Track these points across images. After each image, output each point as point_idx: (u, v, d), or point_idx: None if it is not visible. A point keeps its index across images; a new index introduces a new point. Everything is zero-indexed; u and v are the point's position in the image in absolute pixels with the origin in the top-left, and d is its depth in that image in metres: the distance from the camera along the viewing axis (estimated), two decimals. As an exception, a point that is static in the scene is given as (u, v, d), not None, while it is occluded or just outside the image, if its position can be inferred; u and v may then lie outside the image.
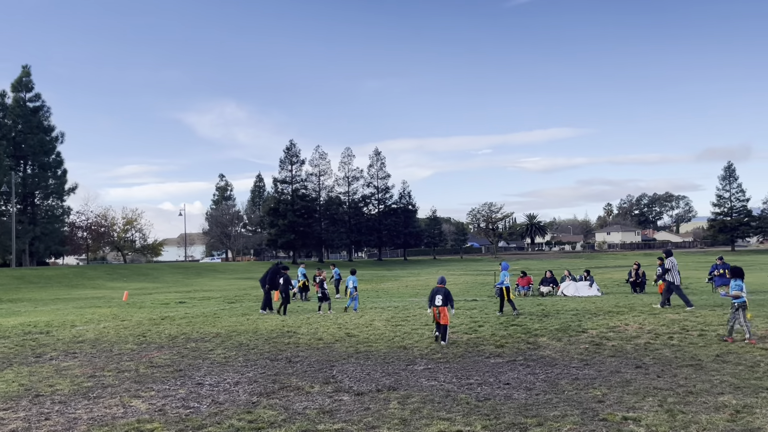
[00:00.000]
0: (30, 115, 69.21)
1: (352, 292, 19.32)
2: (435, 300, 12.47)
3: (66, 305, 26.97)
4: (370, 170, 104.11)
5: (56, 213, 73.28)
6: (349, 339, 13.25)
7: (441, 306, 12.37)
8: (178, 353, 12.20)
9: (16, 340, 14.98)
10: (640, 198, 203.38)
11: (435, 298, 12.51)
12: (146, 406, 7.96)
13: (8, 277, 45.73)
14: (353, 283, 19.27)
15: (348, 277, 19.58)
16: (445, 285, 13.02)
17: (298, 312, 19.73)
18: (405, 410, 7.27)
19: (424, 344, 12.17)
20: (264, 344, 12.95)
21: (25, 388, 9.34)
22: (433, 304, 12.53)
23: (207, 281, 51.85)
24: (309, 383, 8.98)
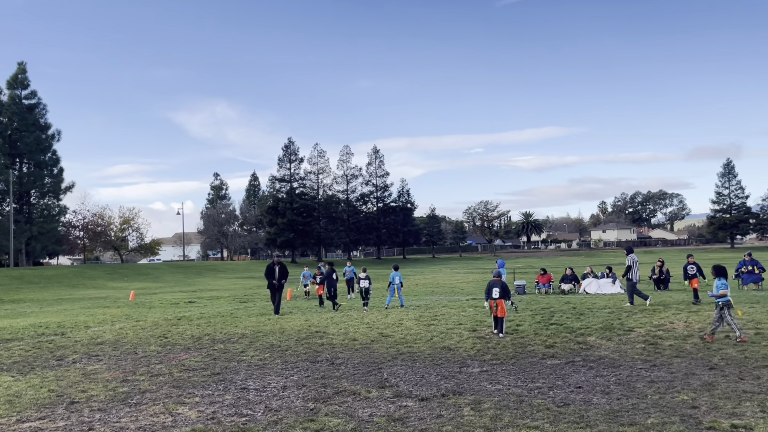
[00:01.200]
0: (26, 113, 68.13)
1: (398, 289, 19.12)
2: (492, 293, 12.65)
3: (72, 306, 26.27)
4: (369, 168, 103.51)
5: (52, 212, 72.23)
6: (384, 339, 12.68)
7: (498, 298, 12.51)
8: (208, 355, 11.61)
9: (31, 342, 14.34)
10: (634, 196, 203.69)
11: (492, 290, 12.63)
12: (195, 414, 7.37)
13: (7, 277, 44.87)
14: (399, 279, 19.20)
15: (392, 274, 19.33)
16: (502, 278, 12.96)
17: (312, 311, 19.16)
18: (482, 417, 6.71)
19: (467, 345, 11.62)
20: (296, 345, 12.37)
21: (56, 394, 8.73)
22: (490, 296, 12.68)
23: (209, 281, 51.16)
24: (363, 387, 8.41)
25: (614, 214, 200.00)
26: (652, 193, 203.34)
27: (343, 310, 18.86)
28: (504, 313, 12.51)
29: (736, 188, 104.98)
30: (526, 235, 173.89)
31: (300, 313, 18.72)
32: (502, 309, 12.48)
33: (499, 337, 12.25)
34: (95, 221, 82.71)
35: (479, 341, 11.94)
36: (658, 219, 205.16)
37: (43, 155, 69.97)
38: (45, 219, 70.23)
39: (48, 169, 70.75)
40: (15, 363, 11.49)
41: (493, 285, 12.80)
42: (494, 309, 12.58)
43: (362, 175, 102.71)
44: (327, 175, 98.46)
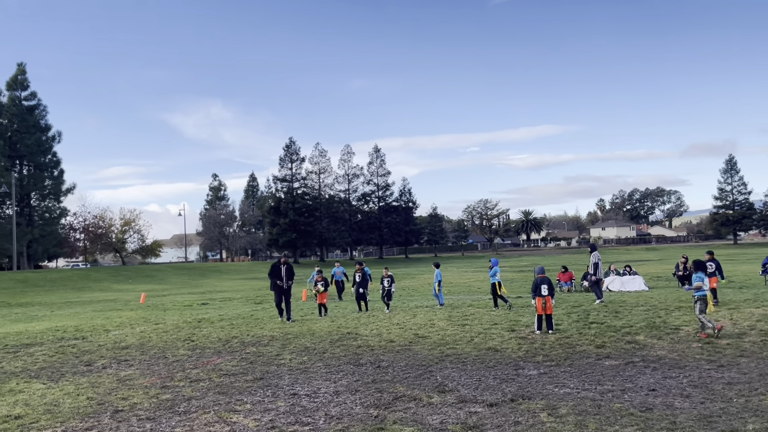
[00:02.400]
0: (26, 114, 67.54)
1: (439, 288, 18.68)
2: (541, 290, 12.29)
3: (83, 309, 25.80)
4: (370, 167, 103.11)
5: (53, 214, 71.65)
6: (422, 341, 12.27)
7: (547, 295, 12.30)
8: (243, 359, 11.19)
9: (52, 347, 13.89)
10: (632, 193, 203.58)
11: (541, 288, 12.35)
12: (252, 423, 6.95)
13: (12, 280, 44.32)
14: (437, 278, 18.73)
15: (436, 272, 18.93)
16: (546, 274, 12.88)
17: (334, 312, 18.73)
18: (565, 424, 6.30)
19: (512, 346, 11.22)
20: (332, 348, 11.95)
21: (96, 402, 8.29)
22: (539, 294, 12.30)
23: (214, 282, 50.68)
24: (422, 392, 7.99)
25: (612, 212, 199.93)
26: (650, 190, 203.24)
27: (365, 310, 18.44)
28: (552, 310, 12.33)
29: (739, 184, 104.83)
30: (525, 233, 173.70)
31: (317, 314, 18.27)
32: (550, 306, 12.28)
33: (549, 333, 12.06)
34: (96, 223, 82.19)
35: (523, 342, 11.54)
36: (656, 216, 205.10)
37: (44, 157, 69.41)
38: (46, 221, 69.67)
39: (48, 171, 70.16)
40: (42, 369, 11.05)
41: (541, 282, 12.52)
42: (542, 306, 12.31)
43: (363, 175, 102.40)
44: (328, 174, 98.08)
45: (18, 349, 13.72)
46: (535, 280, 12.80)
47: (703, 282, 11.32)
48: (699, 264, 11.83)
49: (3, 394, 9.02)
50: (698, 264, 11.84)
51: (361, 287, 18.79)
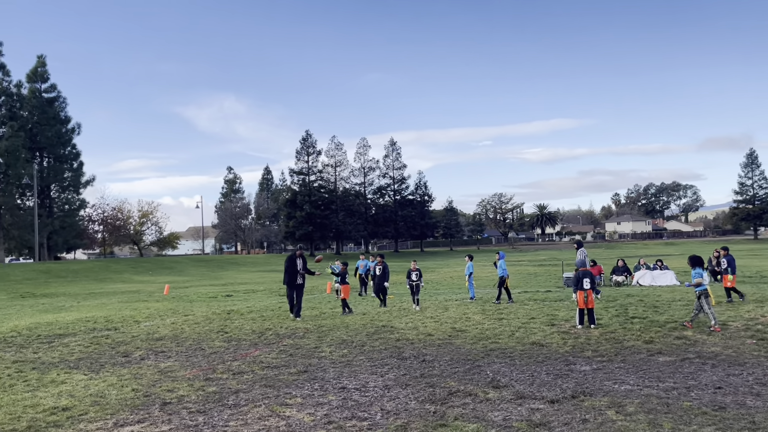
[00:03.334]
0: (46, 106, 67.93)
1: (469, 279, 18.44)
2: (583, 283, 11.93)
3: (109, 300, 25.84)
4: (386, 161, 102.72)
5: (73, 206, 72.12)
6: (462, 335, 12.05)
7: (589, 289, 12.06)
8: (281, 351, 11.03)
9: (86, 337, 13.83)
10: (647, 187, 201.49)
11: (583, 281, 11.98)
12: (308, 418, 6.77)
13: (35, 271, 44.66)
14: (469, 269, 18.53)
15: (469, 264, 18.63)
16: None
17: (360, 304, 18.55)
18: (637, 423, 6.06)
19: (556, 340, 10.97)
20: (370, 341, 11.76)
21: (142, 393, 8.16)
22: (580, 288, 11.95)
23: (234, 274, 50.75)
24: (476, 387, 7.77)
25: (627, 206, 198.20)
26: (665, 184, 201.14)
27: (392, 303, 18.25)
28: (593, 304, 12.09)
29: (760, 178, 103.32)
30: (540, 227, 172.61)
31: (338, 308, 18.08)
32: (592, 300, 12.03)
33: (591, 328, 11.82)
34: (114, 215, 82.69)
35: (567, 336, 11.29)
36: (671, 211, 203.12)
37: (63, 149, 69.86)
38: (65, 213, 70.16)
39: (68, 163, 70.61)
40: (80, 360, 10.97)
41: (583, 275, 12.21)
42: (584, 300, 12.06)
43: (379, 168, 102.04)
44: (344, 167, 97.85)
45: (52, 339, 13.67)
46: (577, 273, 12.52)
47: (702, 277, 11.35)
48: (696, 260, 11.82)
49: (45, 385, 8.92)
50: (695, 260, 11.83)
51: (383, 280, 18.16)
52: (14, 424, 6.89)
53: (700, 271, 11.50)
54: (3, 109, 62.83)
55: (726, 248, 16.82)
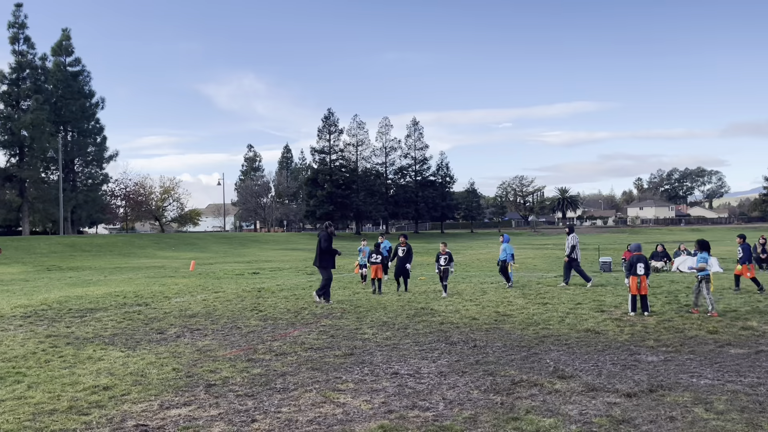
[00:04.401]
0: (70, 80, 67.96)
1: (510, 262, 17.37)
2: (637, 269, 11.29)
3: (135, 275, 25.70)
4: (408, 140, 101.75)
5: (96, 181, 72.41)
6: (508, 319, 11.54)
7: (643, 275, 11.43)
8: (322, 332, 10.61)
9: (117, 312, 13.55)
10: (671, 173, 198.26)
11: (637, 266, 11.34)
12: (365, 405, 6.31)
13: (60, 245, 44.87)
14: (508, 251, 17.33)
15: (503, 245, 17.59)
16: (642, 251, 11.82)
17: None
18: (733, 423, 5.50)
19: (610, 328, 10.41)
20: (413, 323, 11.30)
21: (184, 374, 7.77)
22: (633, 273, 11.33)
23: (256, 251, 50.64)
24: (540, 377, 7.26)
25: (650, 191, 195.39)
26: (690, 170, 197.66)
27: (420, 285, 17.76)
28: (647, 291, 11.53)
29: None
30: (561, 211, 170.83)
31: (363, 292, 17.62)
32: (645, 286, 11.44)
33: (645, 315, 11.28)
34: (136, 191, 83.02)
35: (621, 324, 10.72)
36: (694, 197, 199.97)
37: (87, 123, 69.97)
38: (89, 188, 70.47)
39: (92, 137, 70.76)
40: (115, 336, 10.64)
41: (637, 260, 11.58)
42: (637, 286, 11.46)
43: (401, 148, 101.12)
44: (366, 147, 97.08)
45: (84, 314, 13.41)
46: (631, 258, 11.89)
47: (707, 262, 11.49)
48: (703, 244, 11.91)
49: (82, 362, 8.58)
50: (703, 244, 11.92)
51: (405, 262, 16.71)
52: (54, 403, 6.52)
53: (706, 256, 11.59)
54: (28, 82, 62.94)
55: (743, 236, 16.07)
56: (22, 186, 62.20)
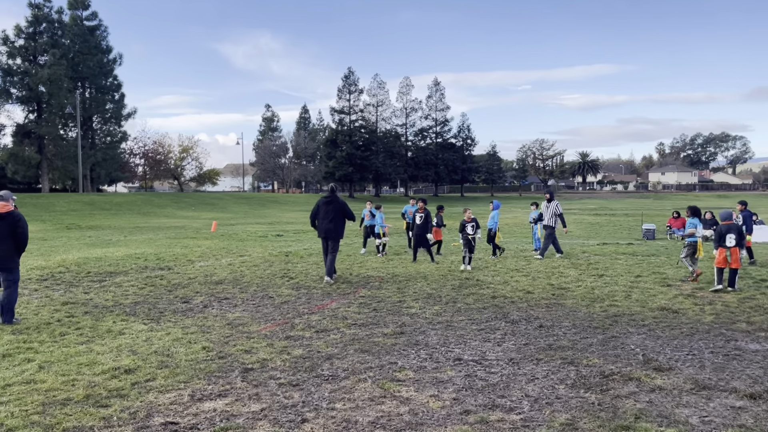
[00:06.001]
0: (87, 35, 66.61)
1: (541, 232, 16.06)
2: (726, 240, 10.00)
3: (156, 235, 24.90)
4: (429, 101, 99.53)
5: (115, 138, 71.64)
6: (566, 293, 10.44)
7: (734, 246, 10.16)
8: (362, 305, 9.60)
9: (138, 277, 12.66)
10: (694, 137, 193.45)
11: (726, 237, 10.03)
12: (435, 403, 5.28)
13: (79, 202, 44.34)
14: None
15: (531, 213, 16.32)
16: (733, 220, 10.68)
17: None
18: None
19: (688, 306, 9.28)
20: (461, 296, 10.25)
21: (216, 354, 6.80)
22: (722, 244, 10.04)
23: (276, 212, 49.87)
24: (632, 368, 6.17)
25: (671, 156, 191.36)
26: (714, 135, 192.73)
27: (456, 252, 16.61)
28: (738, 264, 10.24)
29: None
30: (581, 175, 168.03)
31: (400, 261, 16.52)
32: (736, 259, 10.16)
33: (729, 291, 10.15)
34: (155, 149, 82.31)
35: (697, 301, 9.60)
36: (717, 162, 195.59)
37: (105, 80, 68.86)
38: (108, 145, 69.79)
39: (110, 94, 69.72)
40: (136, 304, 9.73)
41: (726, 230, 10.30)
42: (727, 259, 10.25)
43: (422, 109, 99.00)
44: (386, 107, 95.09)
45: (103, 278, 12.54)
46: (720, 227, 10.59)
47: (696, 229, 11.56)
48: (695, 210, 11.97)
49: (101, 335, 7.65)
50: (694, 210, 11.96)
51: (424, 231, 14.78)
52: (69, 390, 5.58)
53: (696, 222, 11.67)
54: (45, 36, 61.78)
55: (744, 203, 14.80)
56: (40, 142, 61.64)
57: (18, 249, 8.31)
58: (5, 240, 8.14)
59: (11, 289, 8.28)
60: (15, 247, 8.26)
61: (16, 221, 8.18)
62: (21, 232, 8.23)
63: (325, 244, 12.07)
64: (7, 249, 8.17)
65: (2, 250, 8.13)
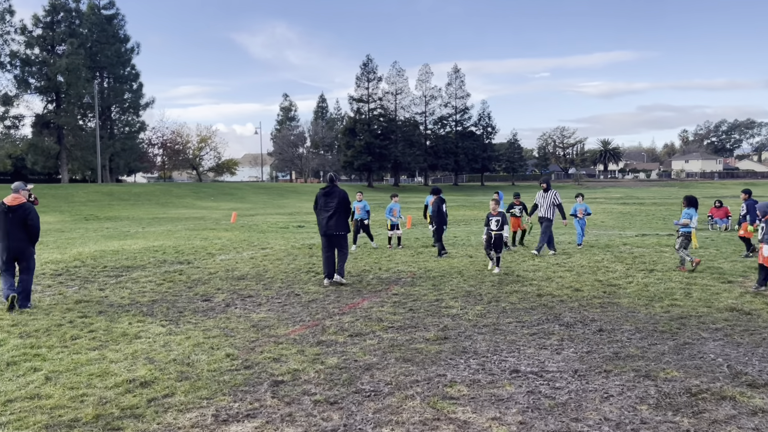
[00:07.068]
0: (105, 24, 66.29)
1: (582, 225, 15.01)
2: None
3: (174, 226, 24.35)
4: (448, 89, 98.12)
5: (133, 128, 71.45)
6: (619, 291, 9.58)
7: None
8: (397, 303, 8.84)
9: (156, 272, 12.01)
10: (718, 124, 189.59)
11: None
12: (497, 427, 4.50)
13: (98, 193, 44.08)
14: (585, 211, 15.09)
15: (575, 205, 15.26)
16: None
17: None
18: None
19: (758, 305, 8.39)
20: (503, 294, 9.43)
21: (241, 363, 6.07)
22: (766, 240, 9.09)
23: (296, 202, 49.29)
24: (721, 383, 5.33)
25: (694, 144, 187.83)
26: (739, 121, 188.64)
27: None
28: None
29: None
30: (603, 163, 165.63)
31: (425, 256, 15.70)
32: None
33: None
34: (173, 139, 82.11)
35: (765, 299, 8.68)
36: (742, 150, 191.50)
37: (123, 69, 68.59)
38: (126, 135, 69.62)
39: (128, 83, 69.47)
40: (154, 303, 9.06)
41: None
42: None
43: (441, 97, 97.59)
44: (405, 95, 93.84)
45: (120, 272, 11.91)
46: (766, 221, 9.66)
47: (690, 219, 11.46)
48: (692, 200, 11.79)
49: (115, 339, 6.97)
50: (691, 200, 11.79)
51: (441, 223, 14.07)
52: (77, 408, 4.89)
53: (692, 212, 11.55)
54: (63, 26, 61.56)
55: (748, 191, 13.90)
56: (59, 133, 61.58)
57: (31, 239, 8.66)
58: (19, 230, 8.50)
59: (27, 277, 8.63)
60: (28, 238, 8.61)
61: (26, 213, 8.53)
62: (32, 224, 8.57)
63: (328, 242, 10.43)
64: (22, 238, 8.54)
65: (17, 239, 8.50)
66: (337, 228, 10.41)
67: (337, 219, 10.44)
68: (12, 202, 8.49)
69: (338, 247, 10.46)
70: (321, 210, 10.62)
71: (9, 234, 8.42)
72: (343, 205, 10.51)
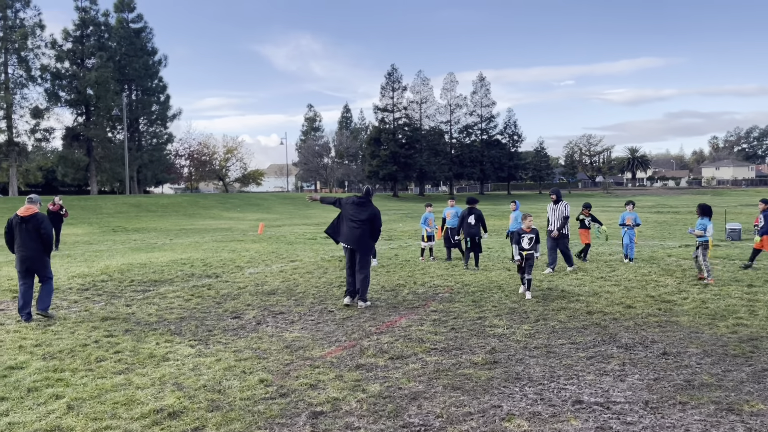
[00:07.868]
0: (133, 37, 67.09)
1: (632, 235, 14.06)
2: None
3: (201, 238, 24.12)
4: (474, 97, 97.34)
5: (161, 140, 72.06)
6: (675, 308, 8.93)
7: None
8: (435, 321, 8.32)
9: (184, 286, 11.64)
10: (750, 130, 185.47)
11: None
12: (571, 473, 3.93)
13: (125, 204, 44.30)
14: (634, 221, 14.23)
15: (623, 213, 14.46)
16: None
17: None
18: None
19: (834, 326, 7.67)
20: (550, 311, 8.84)
21: (276, 391, 5.59)
22: None
23: (322, 213, 48.93)
24: (817, 421, 4.71)
25: (724, 151, 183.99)
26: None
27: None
28: None
29: None
30: (631, 171, 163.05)
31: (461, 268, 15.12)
32: None
33: None
34: (200, 150, 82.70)
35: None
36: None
37: (151, 81, 69.27)
38: (154, 147, 70.23)
39: (156, 95, 70.12)
40: (182, 320, 8.65)
41: None
42: None
43: (467, 105, 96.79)
44: (430, 104, 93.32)
45: (147, 287, 11.57)
46: None
47: (705, 230, 11.10)
48: (705, 209, 11.39)
49: (142, 362, 6.56)
50: (704, 209, 11.39)
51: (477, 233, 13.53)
52: (99, 445, 4.44)
53: (706, 222, 11.18)
54: (92, 40, 62.41)
55: (767, 201, 12.81)
56: (89, 145, 62.31)
57: (45, 249, 8.84)
58: (33, 240, 8.68)
59: (47, 285, 8.84)
60: (43, 248, 8.79)
61: (39, 222, 8.72)
62: (44, 233, 8.75)
63: (351, 255, 9.72)
64: (36, 248, 8.71)
65: (32, 249, 8.68)
66: (359, 244, 9.63)
67: (361, 234, 9.65)
68: (25, 212, 8.73)
69: (361, 263, 9.61)
70: (345, 218, 9.91)
71: (24, 244, 8.66)
72: (372, 223, 9.73)
